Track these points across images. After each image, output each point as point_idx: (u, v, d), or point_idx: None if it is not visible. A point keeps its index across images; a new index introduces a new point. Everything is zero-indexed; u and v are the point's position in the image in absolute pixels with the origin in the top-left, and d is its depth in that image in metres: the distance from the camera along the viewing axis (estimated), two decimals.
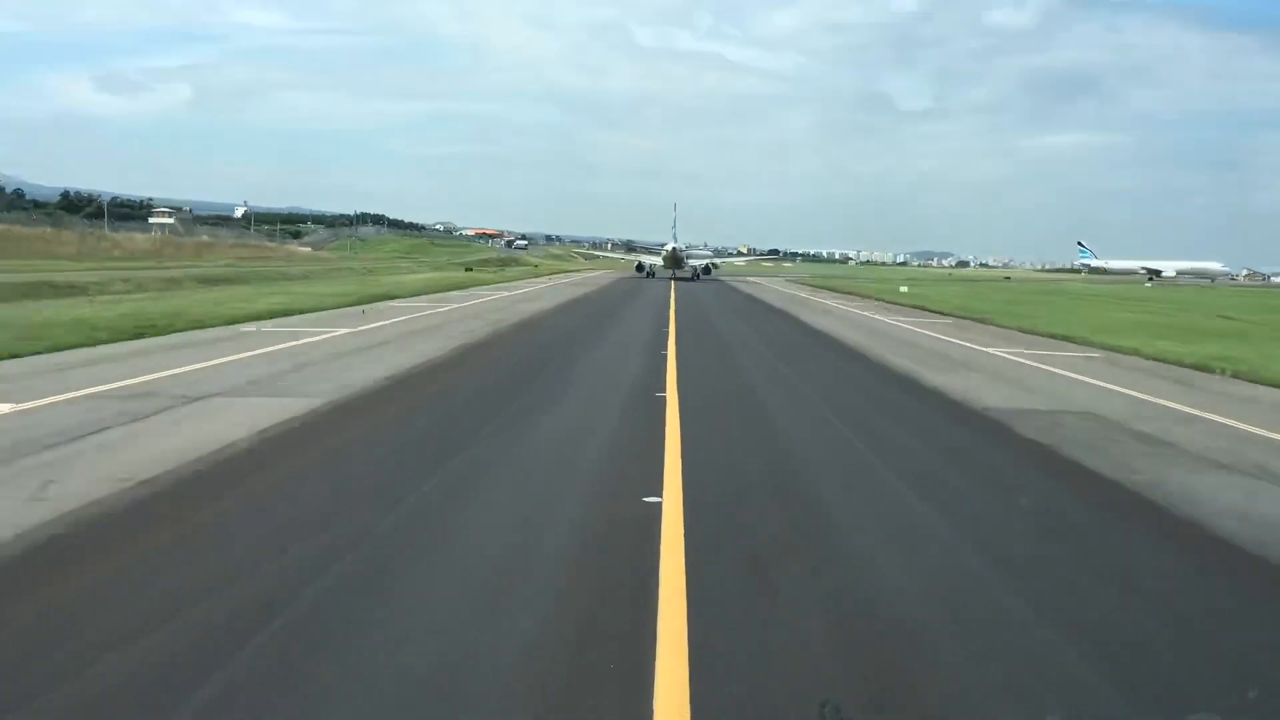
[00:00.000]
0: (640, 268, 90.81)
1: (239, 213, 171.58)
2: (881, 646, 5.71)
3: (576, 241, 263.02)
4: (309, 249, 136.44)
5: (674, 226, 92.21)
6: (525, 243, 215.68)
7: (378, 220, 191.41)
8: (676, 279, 74.72)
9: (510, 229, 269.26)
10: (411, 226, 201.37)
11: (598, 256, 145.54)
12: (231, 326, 25.28)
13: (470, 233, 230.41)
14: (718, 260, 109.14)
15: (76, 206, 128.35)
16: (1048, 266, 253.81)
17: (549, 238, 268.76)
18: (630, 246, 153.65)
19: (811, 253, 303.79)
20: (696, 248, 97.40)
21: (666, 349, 23.60)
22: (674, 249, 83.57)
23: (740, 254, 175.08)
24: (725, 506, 8.70)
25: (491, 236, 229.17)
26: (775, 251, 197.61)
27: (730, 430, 12.82)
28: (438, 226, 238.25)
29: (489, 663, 5.27)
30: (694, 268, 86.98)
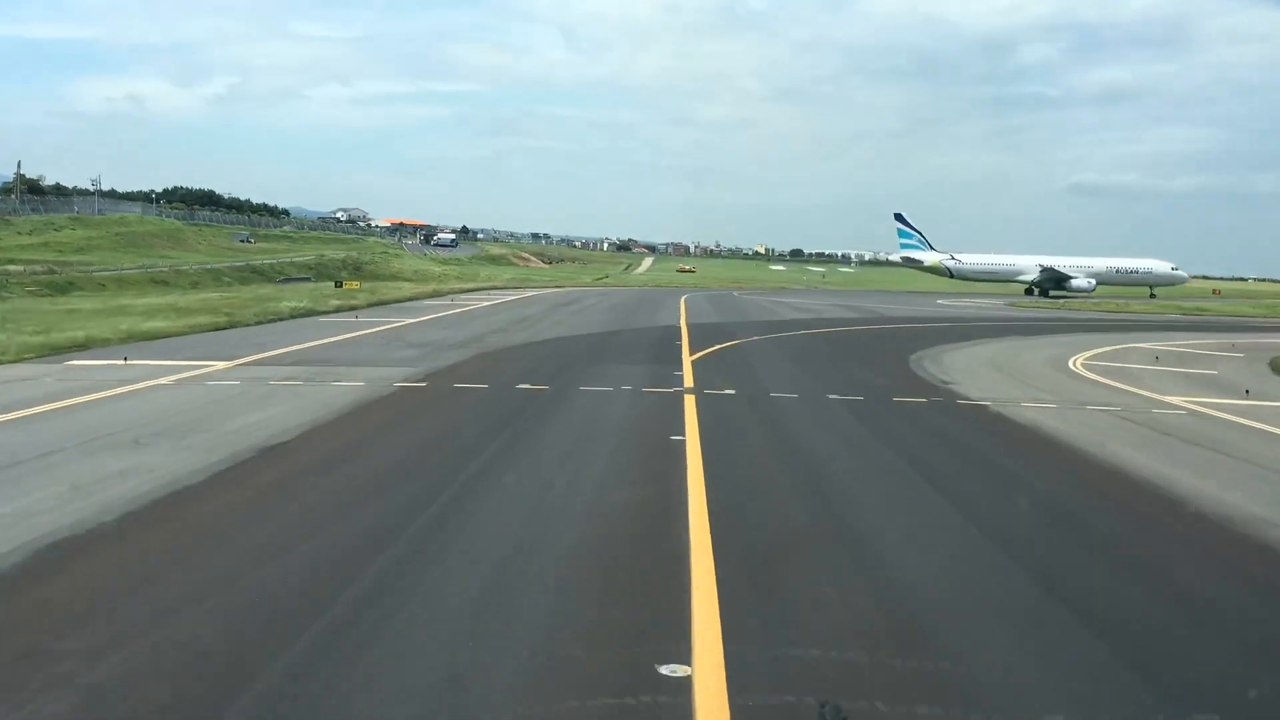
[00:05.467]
0: None
1: None
2: None
3: (566, 240, 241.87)
4: None
5: None
6: (453, 237, 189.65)
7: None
8: None
9: (517, 231, 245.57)
10: (270, 210, 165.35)
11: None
12: None
13: (384, 223, 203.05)
14: None
15: None
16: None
17: (536, 236, 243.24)
18: (625, 246, 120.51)
19: (840, 254, 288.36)
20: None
21: None
22: None
23: (758, 254, 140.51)
24: None
25: (416, 228, 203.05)
26: (799, 253, 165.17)
27: None
28: (338, 215, 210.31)
29: None
30: None
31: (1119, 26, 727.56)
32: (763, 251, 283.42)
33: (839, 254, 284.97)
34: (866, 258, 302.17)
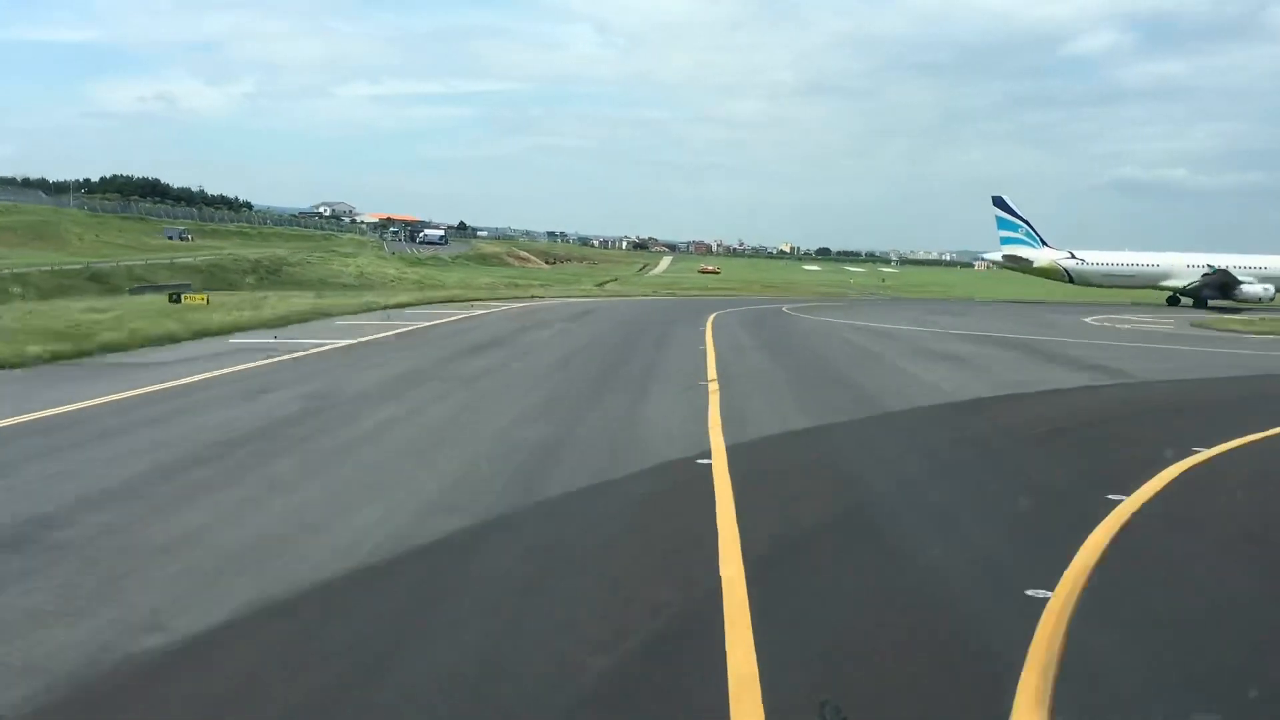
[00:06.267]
0: None
1: None
2: None
3: (584, 239, 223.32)
4: None
5: None
6: (441, 233, 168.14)
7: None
8: None
9: (534, 229, 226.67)
10: (228, 203, 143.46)
11: None
12: None
13: (371, 219, 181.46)
14: None
15: None
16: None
17: (553, 234, 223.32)
18: (642, 245, 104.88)
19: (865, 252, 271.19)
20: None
21: None
22: None
23: (783, 253, 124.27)
24: None
25: (406, 224, 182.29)
26: (825, 251, 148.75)
27: None
28: (322, 209, 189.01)
29: None
30: None
31: (1182, 16, 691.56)
32: (788, 250, 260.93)
33: (863, 252, 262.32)
34: (893, 257, 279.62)
